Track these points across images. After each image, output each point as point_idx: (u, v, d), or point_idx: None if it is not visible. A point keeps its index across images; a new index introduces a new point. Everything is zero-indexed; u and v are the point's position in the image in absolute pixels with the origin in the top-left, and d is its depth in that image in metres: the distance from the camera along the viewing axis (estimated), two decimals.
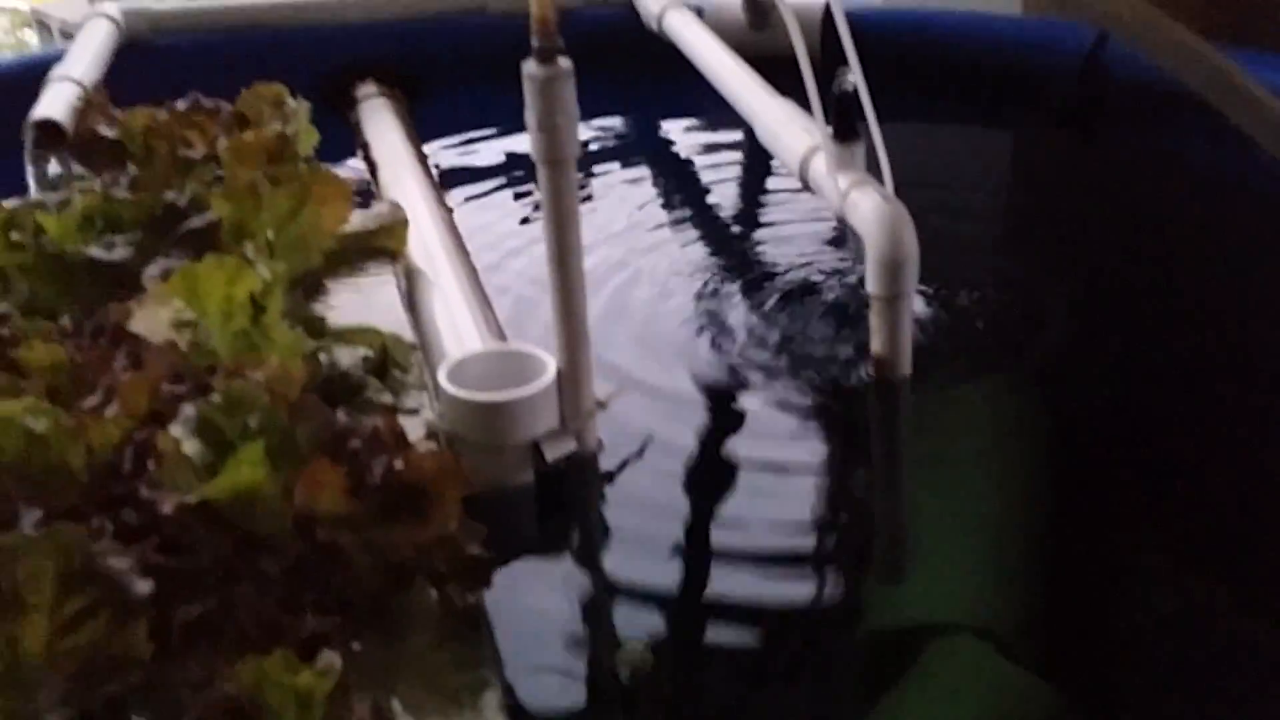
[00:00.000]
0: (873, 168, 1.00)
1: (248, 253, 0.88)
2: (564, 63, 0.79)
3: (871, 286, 0.94)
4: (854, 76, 0.95)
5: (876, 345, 0.96)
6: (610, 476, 0.91)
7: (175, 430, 0.69)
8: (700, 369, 1.04)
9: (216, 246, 0.94)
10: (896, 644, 0.74)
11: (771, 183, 1.41)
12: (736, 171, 1.48)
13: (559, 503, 0.89)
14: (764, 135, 1.15)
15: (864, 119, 0.97)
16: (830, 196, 1.00)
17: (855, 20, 0.95)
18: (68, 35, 5.36)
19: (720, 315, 1.11)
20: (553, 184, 0.83)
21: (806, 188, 1.06)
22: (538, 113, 0.80)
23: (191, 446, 0.69)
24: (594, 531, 0.90)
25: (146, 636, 0.60)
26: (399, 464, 0.70)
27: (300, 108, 1.09)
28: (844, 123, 0.98)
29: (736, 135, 1.51)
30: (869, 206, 0.94)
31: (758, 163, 1.45)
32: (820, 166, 1.02)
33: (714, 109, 1.37)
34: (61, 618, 0.59)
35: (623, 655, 0.76)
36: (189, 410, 0.72)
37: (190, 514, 0.65)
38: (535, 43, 0.79)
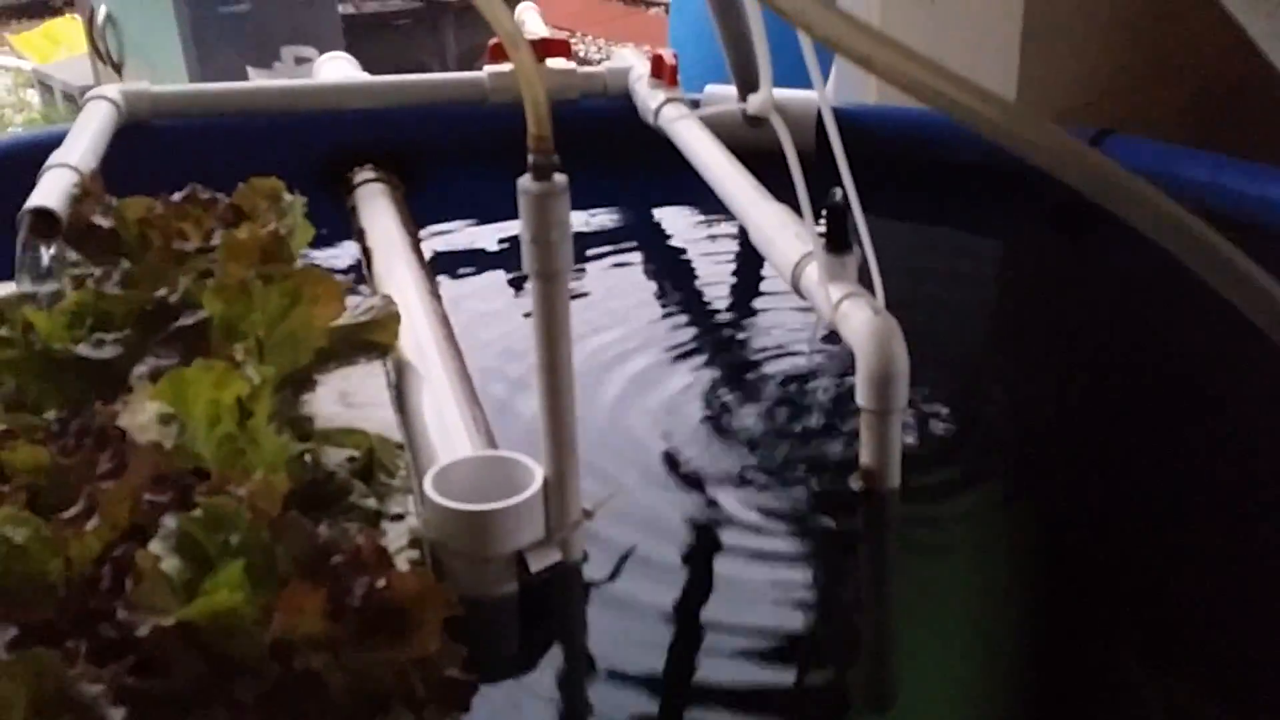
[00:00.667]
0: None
1: (237, 354, 0.88)
2: (559, 179, 0.80)
3: (861, 400, 0.94)
4: (845, 191, 0.95)
5: (866, 457, 0.96)
6: (595, 587, 0.91)
7: (155, 545, 0.69)
8: (685, 475, 1.03)
9: (206, 345, 0.94)
10: None
11: (764, 280, 1.42)
12: (729, 266, 1.49)
13: (542, 614, 0.88)
14: (757, 240, 1.16)
15: (856, 231, 0.98)
16: (821, 307, 1.00)
17: (847, 117, 0.96)
18: (69, 98, 5.38)
19: (707, 417, 1.11)
20: (544, 297, 0.83)
21: (799, 294, 1.06)
22: (532, 227, 0.80)
23: (171, 563, 0.68)
24: (578, 644, 0.89)
25: None
26: (380, 584, 0.69)
27: (296, 203, 1.10)
28: (836, 233, 0.99)
29: (730, 228, 1.53)
30: (860, 320, 0.95)
31: (751, 257, 1.46)
32: (812, 275, 1.03)
33: (708, 202, 1.38)
34: None
35: None
36: (170, 523, 0.71)
37: (166, 635, 0.64)
38: (531, 159, 0.79)
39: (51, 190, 1.17)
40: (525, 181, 0.80)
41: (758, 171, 1.30)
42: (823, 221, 1.00)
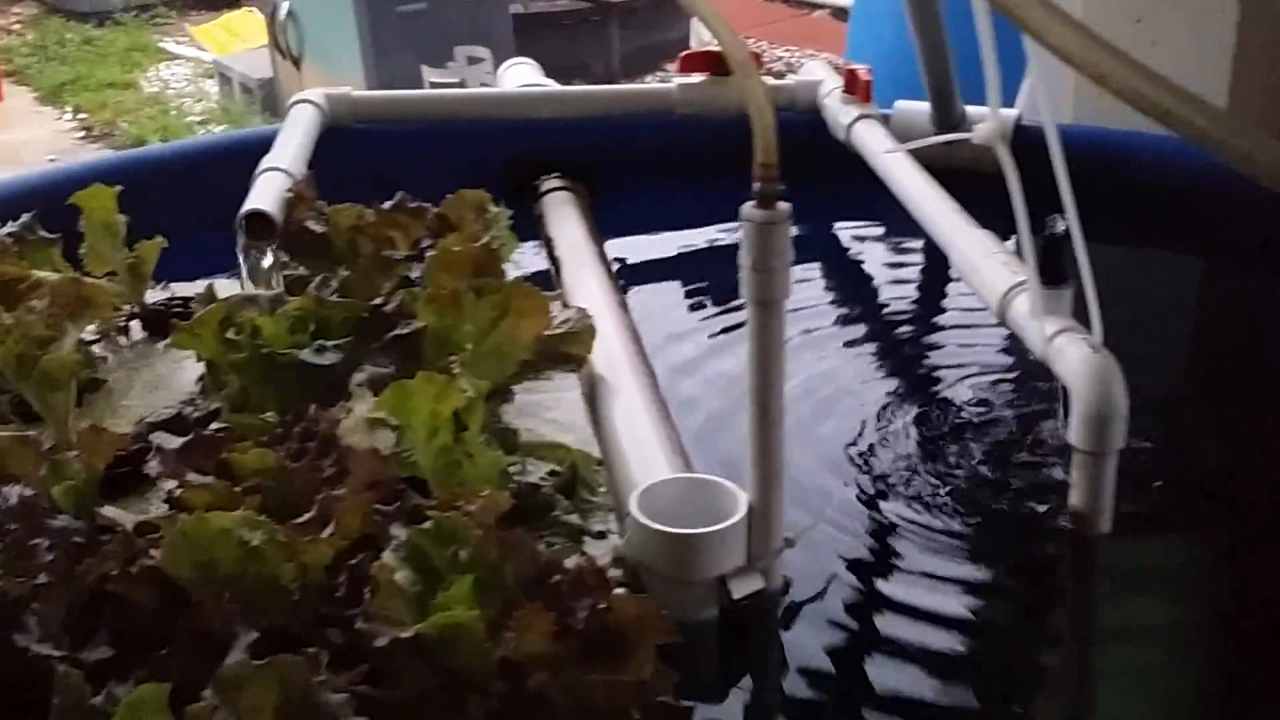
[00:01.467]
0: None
1: (453, 366, 0.89)
2: (783, 206, 0.79)
3: (1075, 440, 0.91)
4: (1066, 221, 0.93)
5: (1076, 499, 0.93)
6: (793, 616, 0.90)
7: (388, 557, 0.71)
8: (880, 503, 1.02)
9: (420, 355, 0.96)
10: None
11: (955, 300, 1.39)
12: (918, 287, 1.47)
13: (742, 642, 0.88)
14: (961, 265, 1.13)
15: (1074, 263, 0.95)
16: (1033, 340, 0.97)
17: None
18: (247, 89, 5.56)
19: (905, 447, 1.09)
20: (761, 324, 0.83)
21: (1005, 324, 1.04)
22: (754, 255, 0.80)
23: (403, 574, 0.70)
24: (774, 673, 0.89)
25: None
26: (602, 606, 0.70)
27: (501, 215, 1.12)
28: (1052, 266, 0.96)
29: (914, 246, 1.50)
30: (1077, 357, 0.92)
31: (939, 279, 1.43)
32: (1022, 307, 1.00)
33: (897, 219, 1.35)
34: None
35: None
36: (399, 534, 0.73)
37: (403, 647, 0.65)
38: (757, 186, 0.79)
39: (266, 193, 1.21)
40: (749, 209, 0.80)
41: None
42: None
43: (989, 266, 1.08)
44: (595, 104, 1.65)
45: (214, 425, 0.91)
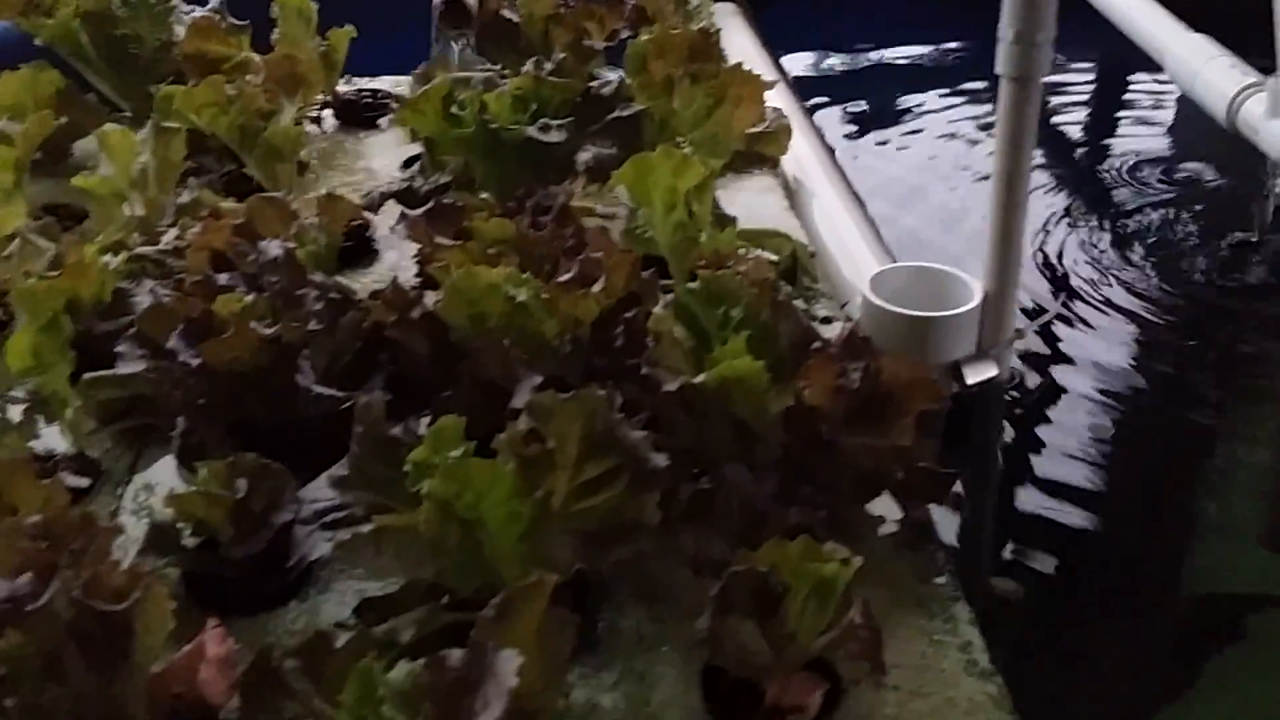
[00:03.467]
0: None
1: (684, 146, 0.88)
2: None
3: None
4: None
5: None
6: (1019, 407, 0.90)
7: (660, 312, 0.71)
8: (1114, 304, 1.01)
9: (639, 137, 0.95)
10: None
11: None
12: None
13: (967, 428, 0.88)
14: (1178, 72, 1.09)
15: None
16: (1272, 143, 0.94)
17: None
18: None
19: (1132, 252, 1.07)
20: (1016, 101, 0.81)
21: (1235, 130, 1.00)
22: (1017, 26, 0.78)
23: (678, 329, 0.70)
24: (993, 461, 0.89)
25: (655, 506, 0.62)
26: (875, 368, 0.70)
27: (705, 4, 1.09)
28: None
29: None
30: None
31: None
32: (1255, 109, 0.97)
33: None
34: (582, 479, 0.62)
35: (998, 584, 0.76)
36: (666, 297, 0.73)
37: (691, 393, 0.66)
38: None
39: None
40: None
41: None
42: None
43: (1213, 70, 1.04)
44: None
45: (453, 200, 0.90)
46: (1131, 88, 1.38)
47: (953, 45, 1.56)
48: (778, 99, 1.27)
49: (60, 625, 0.52)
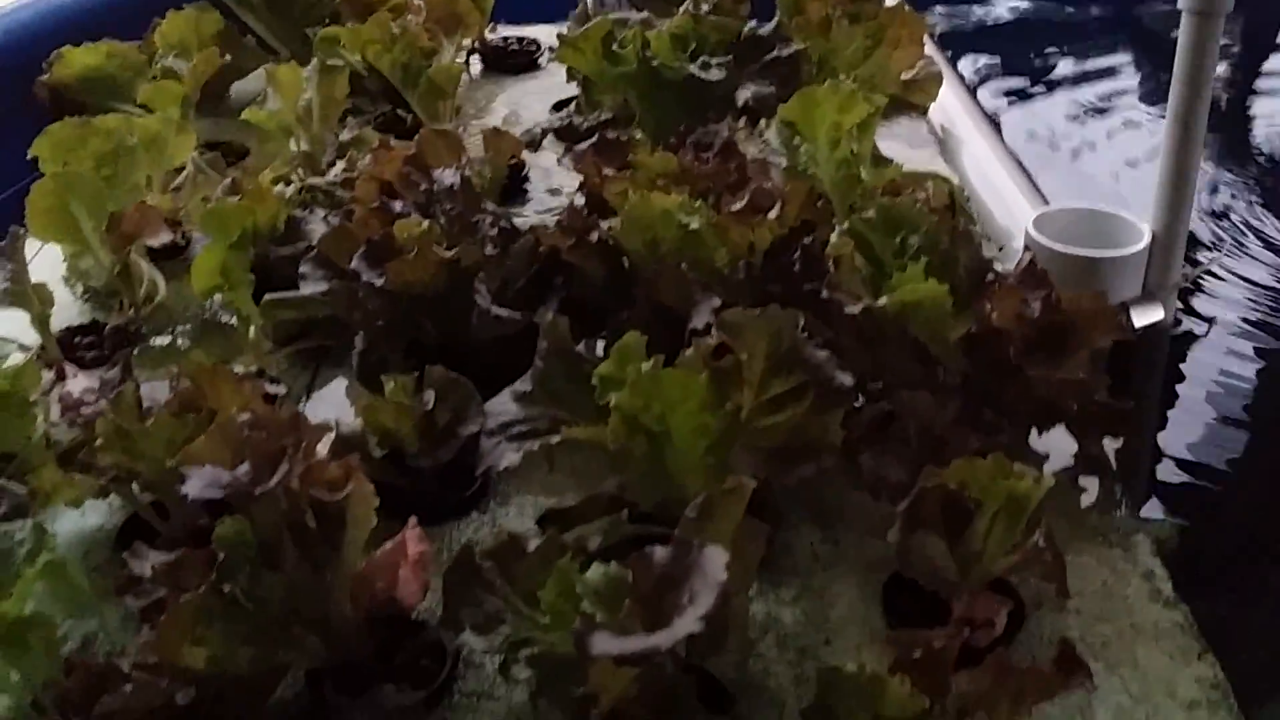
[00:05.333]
0: None
1: (847, 85, 0.88)
2: None
3: None
4: None
5: None
6: (1182, 355, 0.89)
7: (838, 237, 0.71)
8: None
9: (798, 77, 0.95)
10: None
11: None
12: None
13: (1129, 372, 0.87)
14: None
15: None
16: None
17: None
18: None
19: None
20: (1197, 35, 0.79)
21: None
22: None
23: (856, 256, 0.70)
24: (1155, 406, 0.88)
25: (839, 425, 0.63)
26: (1055, 298, 0.69)
27: None
28: None
29: None
30: None
31: None
32: None
33: None
34: (768, 395, 0.62)
35: (1153, 529, 0.75)
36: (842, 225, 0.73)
37: (875, 316, 0.66)
38: None
39: None
40: None
41: None
42: None
43: None
44: None
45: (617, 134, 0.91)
46: None
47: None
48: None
49: (280, 513, 0.54)
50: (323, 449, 0.69)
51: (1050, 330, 0.69)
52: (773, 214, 0.74)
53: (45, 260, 0.93)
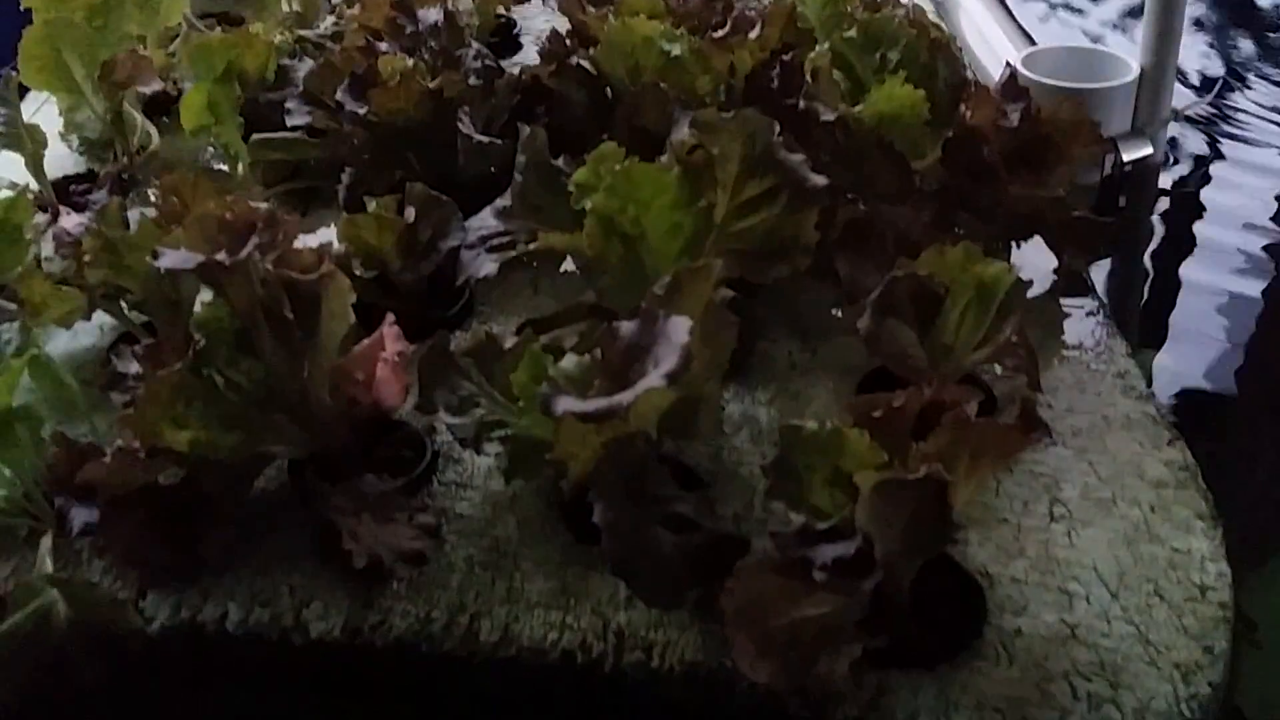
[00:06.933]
0: None
1: None
2: None
3: None
4: None
5: None
6: (1164, 194, 0.88)
7: (817, 53, 0.71)
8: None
9: None
10: None
11: None
12: None
13: (1116, 205, 0.86)
14: None
15: None
16: None
17: None
18: None
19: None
20: None
21: None
22: None
23: (835, 72, 0.70)
24: (1143, 240, 0.87)
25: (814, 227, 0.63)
26: (1034, 109, 0.69)
27: None
28: None
29: None
30: None
31: None
32: None
33: None
34: (742, 198, 0.63)
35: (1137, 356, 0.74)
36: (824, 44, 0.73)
37: (848, 123, 0.66)
38: None
39: None
40: None
41: None
42: None
43: None
44: None
45: None
46: None
47: None
48: None
49: (254, 293, 0.55)
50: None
51: (1030, 141, 0.70)
52: (753, 34, 0.74)
53: (41, 119, 0.94)
